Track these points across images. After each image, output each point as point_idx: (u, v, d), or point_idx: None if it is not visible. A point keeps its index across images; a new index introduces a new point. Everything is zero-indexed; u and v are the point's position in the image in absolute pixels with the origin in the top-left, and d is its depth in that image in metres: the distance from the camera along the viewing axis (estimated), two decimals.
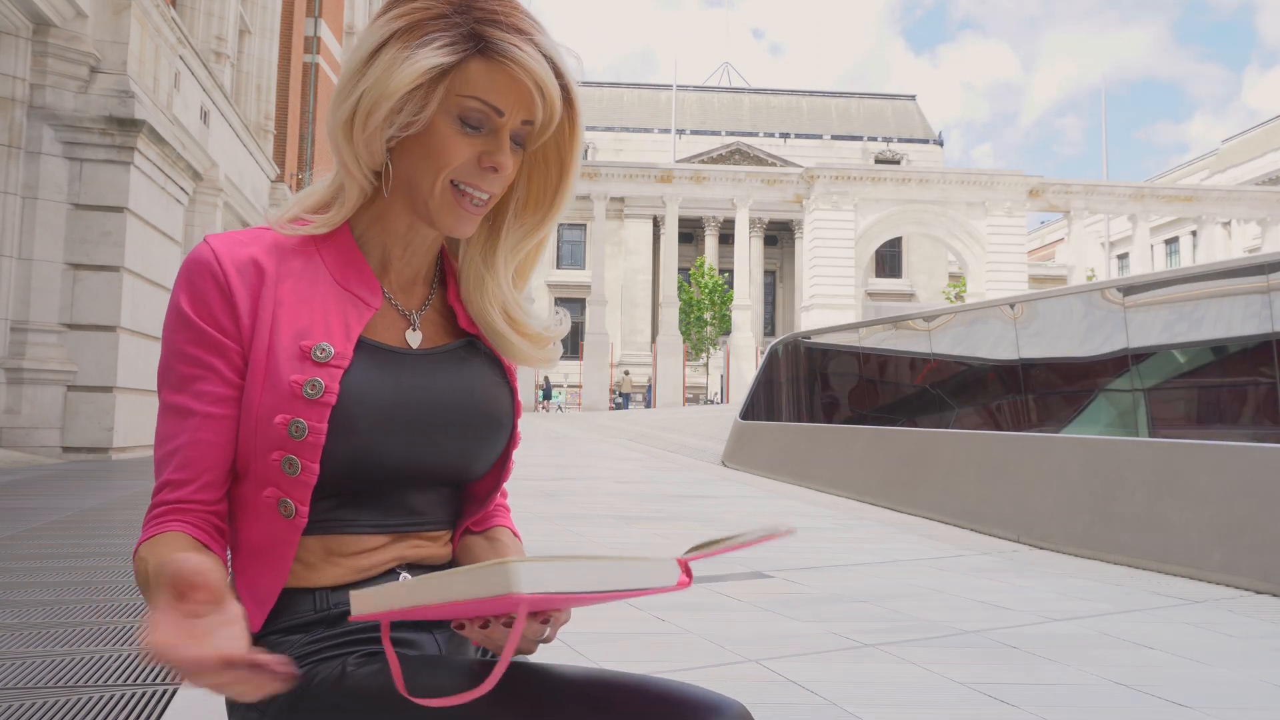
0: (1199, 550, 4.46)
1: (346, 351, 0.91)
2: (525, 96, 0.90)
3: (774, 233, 51.10)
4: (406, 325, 0.98)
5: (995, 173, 35.03)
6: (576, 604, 0.81)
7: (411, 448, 0.93)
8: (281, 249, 0.94)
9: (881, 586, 3.84)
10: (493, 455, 1.01)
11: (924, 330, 8.44)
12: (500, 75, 0.89)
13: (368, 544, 0.94)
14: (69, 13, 8.57)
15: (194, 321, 0.90)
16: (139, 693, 1.84)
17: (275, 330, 0.90)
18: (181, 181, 10.44)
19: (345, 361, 0.90)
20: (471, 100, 0.89)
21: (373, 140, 0.92)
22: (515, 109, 0.90)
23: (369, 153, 0.93)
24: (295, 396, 0.88)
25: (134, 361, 9.15)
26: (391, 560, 0.96)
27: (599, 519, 5.77)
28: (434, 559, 1.00)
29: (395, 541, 0.96)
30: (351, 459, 0.90)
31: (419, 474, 0.95)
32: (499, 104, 0.89)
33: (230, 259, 0.91)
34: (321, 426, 0.88)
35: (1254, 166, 43.22)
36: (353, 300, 0.94)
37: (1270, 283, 4.67)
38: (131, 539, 3.90)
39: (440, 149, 0.90)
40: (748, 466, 10.79)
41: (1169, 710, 2.23)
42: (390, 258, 0.98)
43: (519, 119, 0.91)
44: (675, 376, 32.69)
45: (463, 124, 0.90)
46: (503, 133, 0.91)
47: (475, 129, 0.90)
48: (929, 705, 2.23)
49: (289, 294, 0.92)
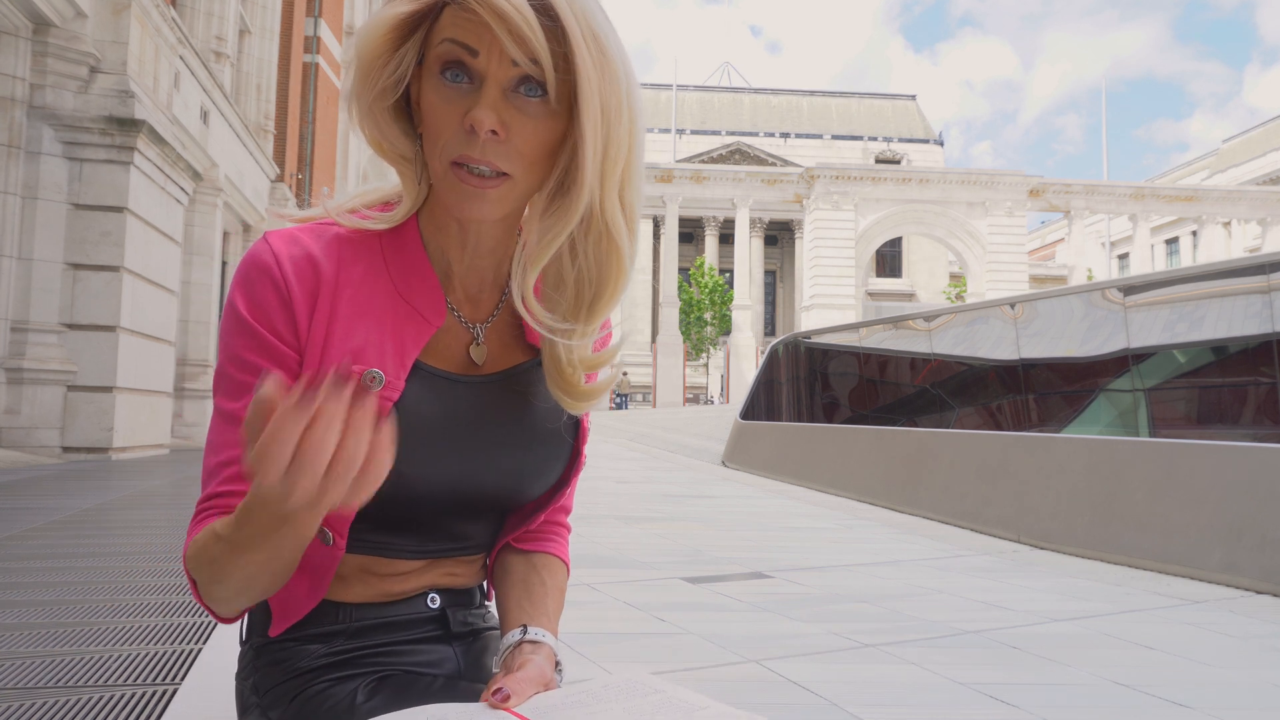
0: (1199, 550, 4.46)
1: (398, 382, 0.85)
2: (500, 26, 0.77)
3: (774, 233, 51.11)
4: (470, 340, 0.91)
5: (996, 173, 35.04)
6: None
7: (459, 481, 0.89)
8: (344, 249, 0.87)
9: (881, 586, 3.84)
10: (549, 481, 0.96)
11: (924, 330, 8.44)
12: (470, 13, 0.78)
13: (403, 568, 0.92)
14: (69, 13, 8.57)
15: (252, 326, 0.84)
16: (139, 693, 1.84)
17: (327, 347, 0.84)
18: (181, 181, 10.44)
19: (395, 394, 0.84)
20: (444, 44, 0.80)
21: (374, 114, 0.86)
22: (491, 45, 0.78)
23: (378, 130, 0.86)
24: None
25: (134, 361, 9.15)
26: (424, 586, 0.94)
27: (599, 519, 5.77)
28: (464, 584, 0.98)
29: (430, 567, 0.94)
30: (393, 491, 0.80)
31: (466, 505, 0.91)
32: (469, 40, 0.78)
33: (290, 262, 0.85)
34: None
35: (1254, 166, 43.24)
36: (413, 316, 0.87)
37: (1270, 282, 4.67)
38: (132, 539, 3.87)
39: (430, 118, 0.82)
40: (748, 466, 10.79)
41: (1169, 710, 2.23)
42: (451, 262, 0.90)
43: (504, 60, 0.78)
44: (675, 376, 32.69)
45: (442, 77, 0.80)
46: (487, 84, 0.79)
47: (456, 81, 0.80)
48: (929, 705, 2.23)
49: (346, 305, 0.85)
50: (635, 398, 37.30)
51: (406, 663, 0.93)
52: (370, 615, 0.92)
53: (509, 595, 0.96)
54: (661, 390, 32.41)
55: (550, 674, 0.85)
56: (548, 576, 0.98)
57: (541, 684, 0.81)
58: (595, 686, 0.81)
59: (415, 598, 0.94)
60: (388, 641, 0.92)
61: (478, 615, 1.01)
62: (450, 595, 0.97)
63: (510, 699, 0.77)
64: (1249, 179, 41.97)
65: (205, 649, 2.20)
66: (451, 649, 0.96)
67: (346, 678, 0.89)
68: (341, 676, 0.89)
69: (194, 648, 2.22)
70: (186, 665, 2.06)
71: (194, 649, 2.20)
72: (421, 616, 0.94)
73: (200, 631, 2.39)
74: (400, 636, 0.93)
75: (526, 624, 0.91)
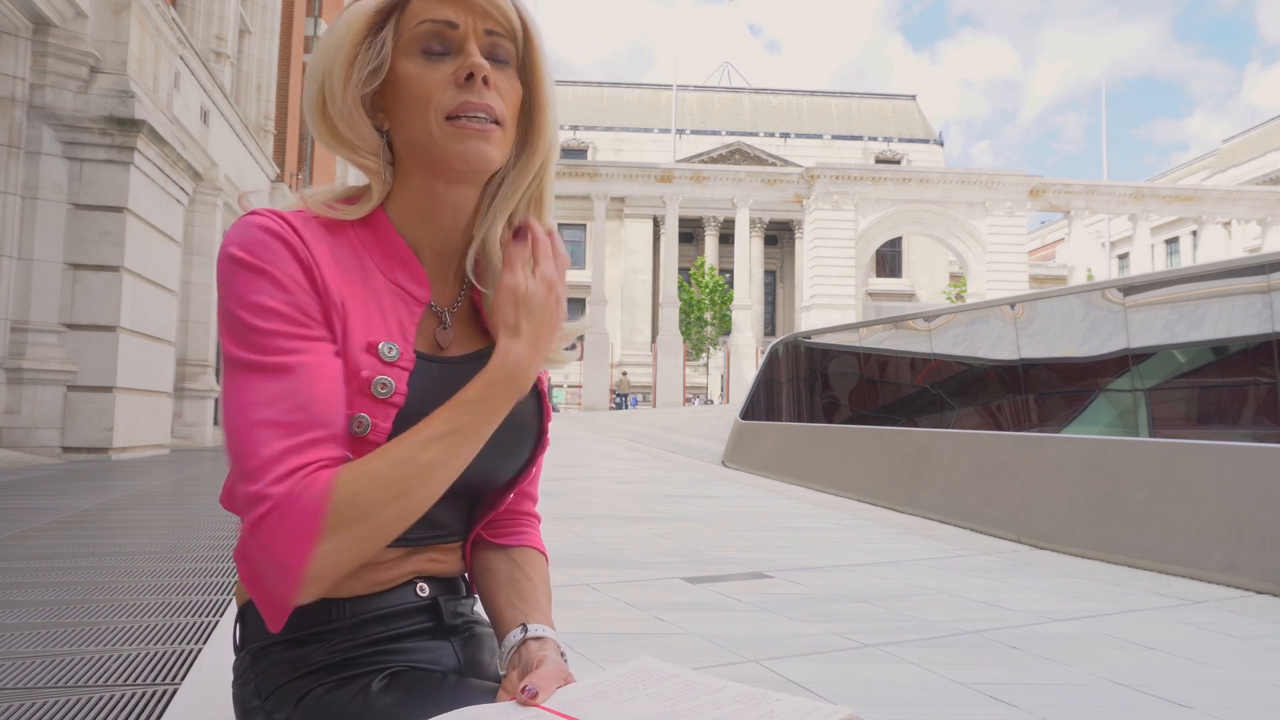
0: (1199, 550, 4.46)
1: (409, 354, 0.89)
2: (469, 4, 0.89)
3: (774, 233, 51.10)
4: (437, 323, 0.96)
5: (996, 172, 35.03)
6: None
7: None
8: (326, 233, 0.91)
9: (882, 586, 3.84)
10: (517, 465, 0.99)
11: (924, 330, 8.44)
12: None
13: (386, 556, 0.93)
14: (69, 13, 8.57)
15: (265, 269, 0.83)
16: (139, 693, 1.84)
17: (346, 315, 0.87)
18: (181, 181, 10.44)
19: (409, 365, 0.89)
20: (422, 25, 0.89)
21: (352, 111, 0.91)
22: (467, 17, 0.89)
23: (353, 127, 0.91)
24: (363, 392, 0.86)
25: (134, 361, 9.15)
26: (410, 573, 0.95)
27: (599, 519, 5.77)
28: (448, 572, 1.00)
29: (412, 554, 0.95)
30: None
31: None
32: (448, 16, 0.88)
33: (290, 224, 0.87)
34: (386, 426, 0.86)
35: (1254, 166, 43.25)
36: (403, 296, 0.92)
37: (1271, 282, 4.67)
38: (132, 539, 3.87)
39: (415, 88, 0.88)
40: (748, 466, 10.80)
41: (1169, 710, 2.23)
42: (420, 249, 0.95)
43: (480, 30, 0.89)
44: (675, 376, 32.69)
45: (426, 55, 0.89)
46: (468, 44, 0.89)
47: (440, 54, 0.89)
48: (929, 705, 2.23)
49: (350, 282, 0.89)
50: (635, 398, 37.30)
51: (410, 660, 0.93)
52: (364, 608, 0.92)
53: (498, 595, 0.98)
54: (661, 390, 32.41)
55: (565, 667, 0.87)
56: (532, 571, 1.01)
57: (561, 678, 0.83)
58: (612, 676, 0.82)
59: (404, 586, 0.95)
60: (385, 637, 0.92)
61: (466, 606, 1.02)
62: (438, 584, 0.98)
63: (539, 695, 0.78)
64: (1249, 179, 41.96)
65: (205, 649, 2.20)
66: (449, 644, 0.97)
67: (352, 677, 0.89)
68: (346, 676, 0.89)
69: (194, 648, 2.22)
70: (186, 665, 2.06)
71: (194, 649, 2.20)
72: (413, 607, 0.95)
73: (200, 631, 2.39)
74: (396, 629, 0.94)
75: (525, 622, 0.93)
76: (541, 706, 0.77)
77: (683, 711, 0.74)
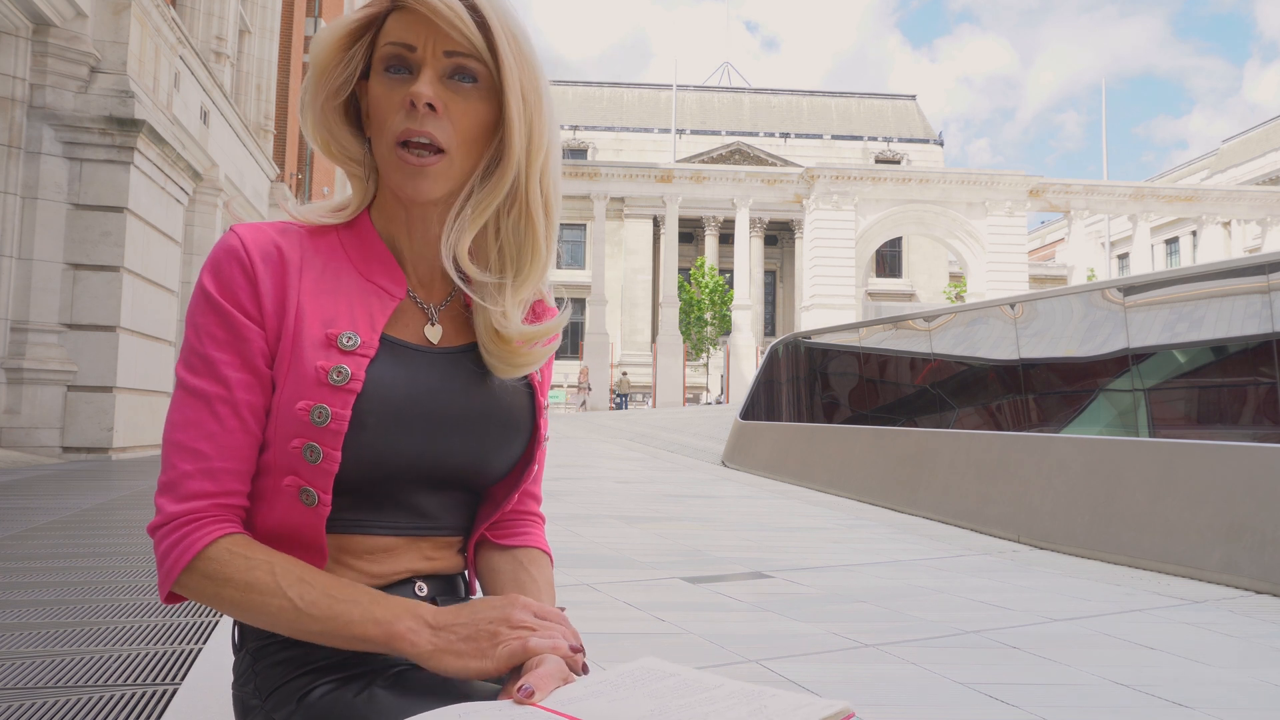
0: (1199, 550, 4.46)
1: (372, 341, 0.92)
2: (431, 26, 0.90)
3: (774, 233, 51.10)
4: (425, 320, 0.98)
5: (996, 172, 35.02)
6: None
7: (423, 446, 0.93)
8: (306, 239, 0.96)
9: (881, 586, 3.84)
10: (509, 459, 0.99)
11: (924, 330, 8.44)
12: (410, 15, 0.91)
13: (378, 545, 0.94)
14: (69, 13, 8.57)
15: (220, 304, 0.90)
16: (139, 693, 1.84)
17: (301, 317, 0.91)
18: (181, 181, 10.44)
19: (371, 351, 0.91)
20: (386, 46, 0.92)
21: (326, 119, 0.97)
22: (426, 40, 0.91)
23: (331, 134, 0.97)
24: (320, 383, 0.88)
25: (134, 361, 9.15)
26: (405, 571, 0.95)
27: (599, 519, 5.77)
28: (447, 570, 1.00)
29: (407, 548, 0.96)
30: (365, 452, 0.89)
31: (430, 474, 0.95)
32: (408, 39, 0.91)
33: (256, 246, 0.92)
34: (345, 413, 0.88)
35: (1254, 166, 43.24)
36: (376, 291, 0.95)
37: (1270, 282, 4.67)
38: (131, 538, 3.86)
39: (376, 109, 0.93)
40: (748, 466, 10.80)
41: (1169, 710, 2.23)
42: (402, 250, 0.98)
43: (439, 52, 0.91)
44: (675, 376, 32.70)
45: (389, 75, 0.92)
46: (424, 70, 0.91)
47: (397, 74, 0.92)
48: (929, 705, 2.23)
49: (313, 283, 0.93)
50: (635, 397, 37.30)
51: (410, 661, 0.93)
52: None
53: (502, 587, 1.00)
54: (661, 390, 32.41)
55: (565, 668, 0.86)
56: (536, 571, 1.02)
57: (560, 678, 0.83)
58: (612, 675, 0.82)
59: (402, 585, 0.95)
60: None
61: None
62: (435, 583, 0.98)
63: (535, 694, 0.78)
64: (1249, 179, 41.95)
65: (205, 649, 2.20)
66: None
67: (353, 677, 0.89)
68: (347, 675, 0.89)
69: (194, 648, 2.22)
70: (186, 665, 2.06)
71: (194, 649, 2.20)
72: None
73: (200, 631, 2.39)
74: None
75: None
76: (538, 705, 0.78)
77: (676, 707, 0.74)
